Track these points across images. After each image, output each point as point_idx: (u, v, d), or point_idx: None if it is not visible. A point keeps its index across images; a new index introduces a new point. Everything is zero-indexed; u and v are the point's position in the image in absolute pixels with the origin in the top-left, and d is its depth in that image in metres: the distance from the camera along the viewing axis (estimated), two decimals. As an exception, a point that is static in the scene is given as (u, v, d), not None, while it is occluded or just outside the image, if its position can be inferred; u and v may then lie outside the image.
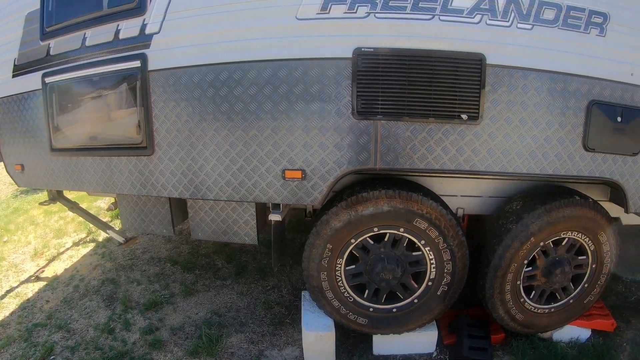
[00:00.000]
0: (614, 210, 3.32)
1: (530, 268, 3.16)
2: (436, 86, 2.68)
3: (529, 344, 3.38)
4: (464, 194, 3.21)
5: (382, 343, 3.25)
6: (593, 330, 3.59)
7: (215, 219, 3.21)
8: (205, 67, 2.85)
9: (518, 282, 3.14)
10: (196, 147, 2.95)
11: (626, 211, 3.18)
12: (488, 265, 3.05)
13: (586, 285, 3.30)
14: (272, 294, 3.84)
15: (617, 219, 3.66)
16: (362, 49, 2.65)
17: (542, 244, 3.07)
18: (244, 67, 2.77)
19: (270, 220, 3.02)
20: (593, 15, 2.80)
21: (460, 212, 3.19)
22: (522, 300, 3.21)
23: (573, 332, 3.50)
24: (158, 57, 2.93)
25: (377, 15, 2.65)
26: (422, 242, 2.93)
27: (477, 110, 2.70)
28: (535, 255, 3.13)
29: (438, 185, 3.15)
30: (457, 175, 3.11)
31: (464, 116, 2.70)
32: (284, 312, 3.59)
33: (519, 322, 3.27)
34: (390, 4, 2.64)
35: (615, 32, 2.84)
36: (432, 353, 3.30)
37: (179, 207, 3.41)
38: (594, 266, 3.25)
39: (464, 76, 2.68)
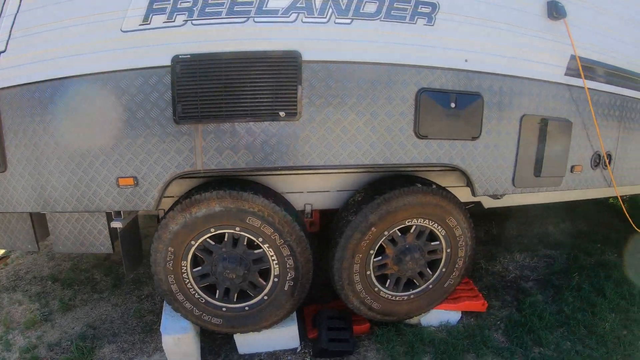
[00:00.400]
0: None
1: (380, 257, 3.33)
2: (253, 86, 2.86)
3: (395, 331, 3.55)
4: (310, 190, 3.38)
5: (245, 342, 3.41)
6: (466, 312, 3.76)
7: (72, 230, 3.34)
8: (44, 83, 2.99)
9: (368, 272, 3.30)
10: (41, 161, 3.09)
11: (473, 194, 3.37)
12: (333, 258, 3.22)
13: (444, 270, 3.48)
14: (146, 303, 4.00)
15: (478, 203, 3.88)
16: (180, 56, 2.82)
17: (386, 233, 3.24)
18: (77, 82, 2.92)
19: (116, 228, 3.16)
20: (420, 6, 2.98)
21: (308, 208, 3.36)
22: (376, 289, 3.37)
23: (442, 315, 3.69)
24: (5, 75, 3.06)
25: (194, 22, 2.82)
26: (260, 239, 3.09)
27: (295, 107, 2.88)
28: (383, 244, 3.30)
29: (282, 182, 3.32)
30: (298, 172, 3.28)
31: (282, 113, 2.88)
32: (155, 319, 3.74)
33: (377, 310, 3.43)
34: (206, 10, 2.81)
35: (447, 20, 3.03)
36: (297, 348, 3.46)
37: (41, 222, 3.53)
38: (448, 250, 3.43)
39: (280, 74, 2.86)
